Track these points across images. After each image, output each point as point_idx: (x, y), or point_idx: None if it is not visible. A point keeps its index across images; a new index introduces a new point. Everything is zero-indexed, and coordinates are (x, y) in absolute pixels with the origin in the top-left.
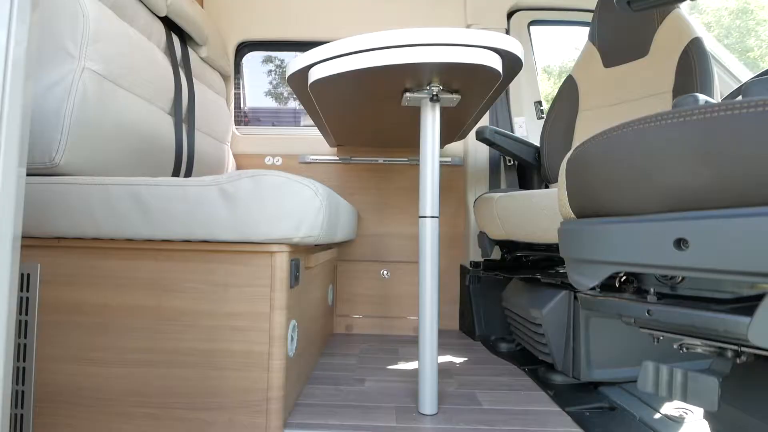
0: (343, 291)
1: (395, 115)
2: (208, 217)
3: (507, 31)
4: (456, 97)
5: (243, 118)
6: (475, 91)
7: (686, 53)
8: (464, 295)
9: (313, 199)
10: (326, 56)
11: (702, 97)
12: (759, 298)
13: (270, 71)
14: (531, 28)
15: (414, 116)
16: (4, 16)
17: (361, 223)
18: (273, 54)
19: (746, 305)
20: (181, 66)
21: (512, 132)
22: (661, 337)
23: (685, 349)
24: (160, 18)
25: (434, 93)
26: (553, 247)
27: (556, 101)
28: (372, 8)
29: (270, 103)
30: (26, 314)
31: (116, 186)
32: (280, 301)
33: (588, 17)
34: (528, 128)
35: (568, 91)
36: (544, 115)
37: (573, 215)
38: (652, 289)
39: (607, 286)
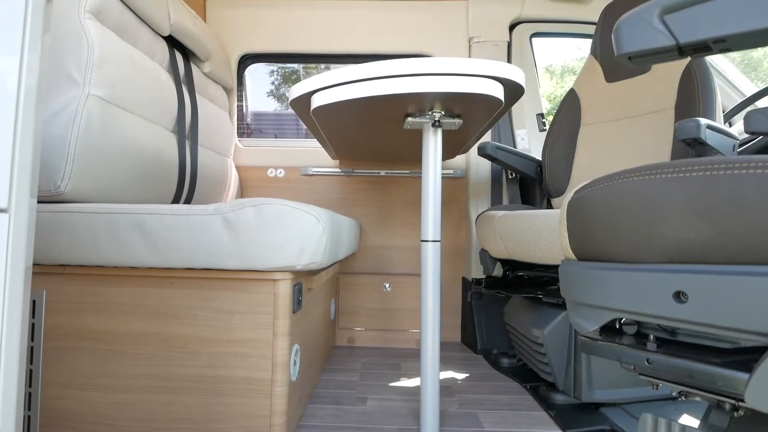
0: (346, 304)
1: (397, 134)
2: (212, 246)
3: (509, 44)
4: (458, 121)
5: (246, 129)
6: (476, 115)
7: (688, 70)
8: (466, 307)
9: (315, 226)
10: (329, 83)
11: (704, 122)
12: (759, 350)
13: (272, 71)
14: (533, 39)
15: (416, 134)
16: (17, 44)
17: (363, 235)
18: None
19: (746, 358)
20: (184, 83)
21: (514, 144)
22: (660, 384)
23: (684, 397)
24: (164, 36)
25: (436, 119)
26: (553, 268)
27: (558, 115)
28: (374, 22)
29: (273, 104)
30: (32, 340)
31: (121, 215)
32: (283, 327)
33: (589, 29)
34: (530, 141)
35: (570, 105)
36: (546, 128)
37: (573, 256)
38: (651, 336)
39: (608, 327)
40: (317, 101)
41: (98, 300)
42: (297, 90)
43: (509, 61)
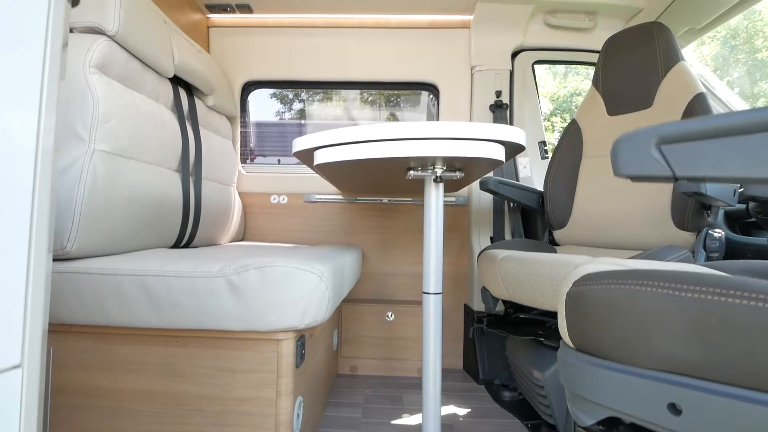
0: (348, 333)
1: (400, 178)
2: (216, 309)
3: (511, 72)
4: (459, 174)
5: (249, 155)
6: (478, 169)
7: (690, 109)
8: (467, 335)
9: (318, 285)
10: (330, 142)
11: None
12: None
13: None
14: (535, 66)
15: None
16: (34, 106)
17: (366, 262)
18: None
19: None
20: (188, 119)
21: (516, 172)
22: None
23: None
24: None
25: (438, 174)
26: (553, 314)
27: (560, 146)
28: (376, 50)
29: (277, 105)
30: None
31: (126, 276)
32: (286, 386)
33: (592, 57)
34: (532, 168)
35: (572, 136)
36: (548, 156)
37: (572, 345)
38: None
39: (608, 419)
40: (319, 158)
41: (104, 358)
42: (300, 144)
43: (511, 88)
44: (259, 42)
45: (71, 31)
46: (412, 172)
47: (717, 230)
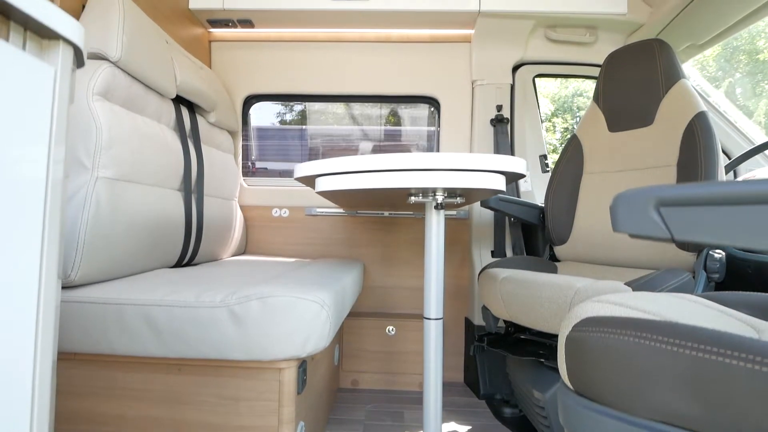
0: (350, 347)
1: (401, 199)
2: (218, 339)
3: (512, 86)
4: (460, 200)
5: (251, 168)
6: (478, 194)
7: (691, 128)
8: (468, 352)
9: (319, 313)
10: (332, 171)
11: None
12: None
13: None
14: (536, 80)
15: None
16: (44, 137)
17: (367, 275)
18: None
19: None
20: (190, 137)
21: (516, 186)
22: None
23: None
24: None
25: (438, 201)
26: (554, 336)
27: (561, 161)
28: (377, 64)
29: (278, 108)
30: None
31: (129, 306)
32: (288, 414)
33: (593, 71)
34: (532, 182)
35: (573, 152)
36: (549, 169)
37: (572, 387)
38: None
39: None
40: (321, 185)
41: (108, 385)
42: (301, 170)
43: (512, 102)
44: (261, 56)
45: None
46: (413, 197)
47: (717, 251)
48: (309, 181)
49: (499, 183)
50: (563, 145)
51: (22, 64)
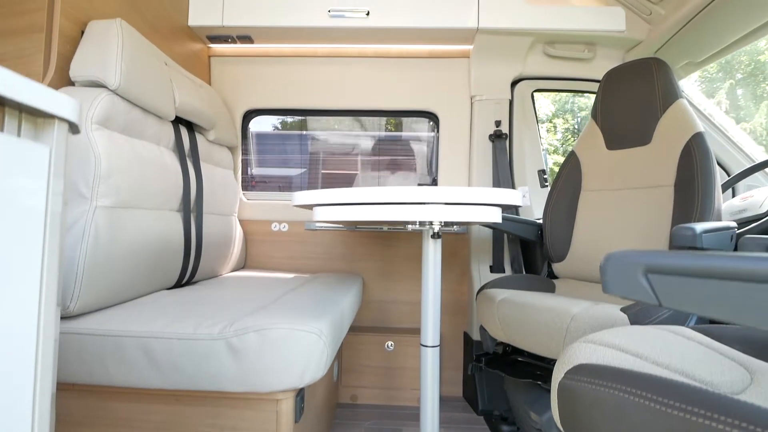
0: (348, 362)
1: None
2: (216, 371)
3: (511, 101)
4: (457, 228)
5: (251, 182)
6: (475, 221)
7: (688, 149)
8: (467, 363)
9: (317, 343)
10: (329, 201)
11: (699, 229)
12: None
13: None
14: (534, 94)
15: None
16: (43, 170)
17: (366, 289)
18: None
19: None
20: (189, 157)
21: None
22: None
23: None
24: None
25: (435, 230)
26: (551, 360)
27: (560, 177)
28: (376, 79)
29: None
30: None
31: (128, 338)
32: None
33: (592, 86)
34: (531, 197)
35: (571, 168)
36: (548, 184)
37: None
38: None
39: None
40: (318, 215)
41: (107, 415)
42: (299, 199)
43: (511, 116)
44: (260, 71)
45: (73, 84)
46: (410, 225)
47: None
48: (308, 206)
49: (495, 215)
50: (563, 160)
51: (18, 149)
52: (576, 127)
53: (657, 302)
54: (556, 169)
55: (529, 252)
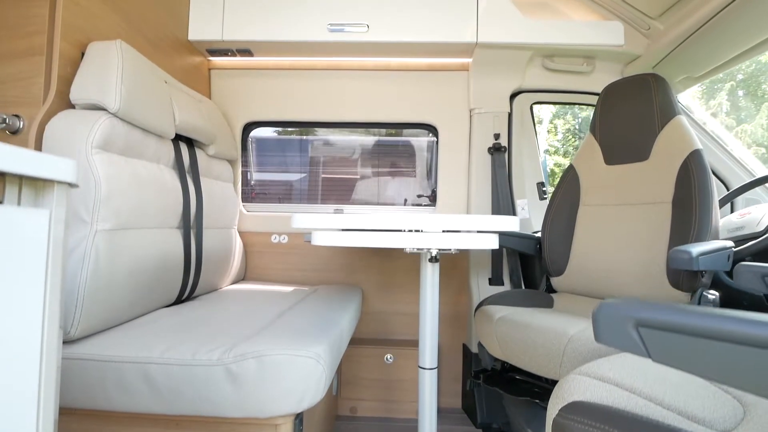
0: (348, 375)
1: None
2: (215, 397)
3: (510, 114)
4: (455, 250)
5: (250, 192)
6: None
7: (686, 166)
8: (466, 374)
9: (315, 368)
10: (327, 227)
11: (695, 253)
12: None
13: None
14: (533, 106)
15: None
16: (43, 234)
17: (365, 301)
18: None
19: None
20: (189, 173)
21: (514, 214)
22: None
23: None
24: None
25: (433, 254)
26: (549, 381)
27: (558, 191)
28: (376, 91)
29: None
30: None
31: (128, 364)
32: None
33: (591, 99)
34: (530, 210)
35: (570, 182)
36: (546, 197)
37: None
38: None
39: None
40: (317, 239)
41: None
42: (298, 222)
43: (509, 129)
44: (260, 83)
45: (73, 106)
46: (407, 248)
47: (711, 292)
48: (306, 230)
49: (491, 242)
50: (562, 172)
51: (18, 217)
52: (577, 127)
53: (648, 356)
54: (557, 170)
55: (528, 265)
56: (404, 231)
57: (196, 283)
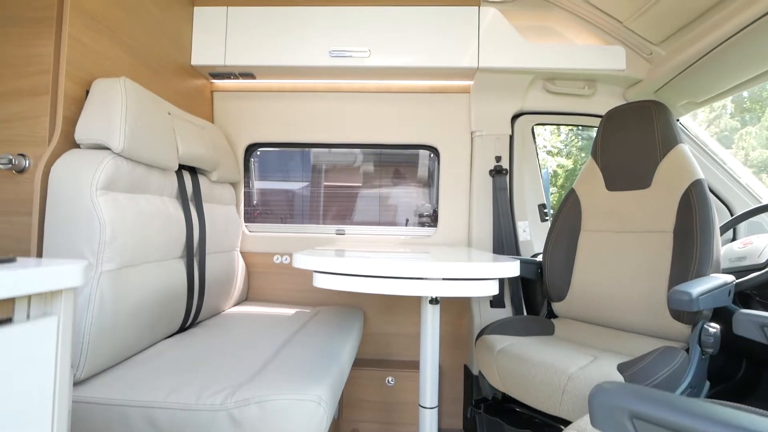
0: (349, 397)
1: None
2: None
3: (511, 136)
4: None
5: (253, 212)
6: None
7: (687, 196)
8: (468, 395)
9: (316, 410)
10: (329, 270)
11: (695, 294)
12: None
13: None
14: (535, 128)
15: None
16: (51, 341)
17: (367, 323)
18: None
19: None
20: (191, 200)
21: (515, 236)
22: None
23: None
24: None
25: (433, 296)
26: (548, 416)
27: (559, 215)
28: (378, 113)
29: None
30: None
31: (133, 408)
32: None
33: (593, 121)
34: (531, 232)
35: (571, 207)
36: (548, 219)
37: None
38: None
39: None
40: (319, 282)
41: None
42: (300, 262)
43: (511, 151)
44: (262, 105)
45: (78, 146)
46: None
47: (712, 325)
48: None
49: (492, 288)
50: (562, 196)
51: (27, 331)
52: (579, 128)
53: None
54: (560, 171)
55: (530, 288)
56: (404, 279)
57: (200, 309)
